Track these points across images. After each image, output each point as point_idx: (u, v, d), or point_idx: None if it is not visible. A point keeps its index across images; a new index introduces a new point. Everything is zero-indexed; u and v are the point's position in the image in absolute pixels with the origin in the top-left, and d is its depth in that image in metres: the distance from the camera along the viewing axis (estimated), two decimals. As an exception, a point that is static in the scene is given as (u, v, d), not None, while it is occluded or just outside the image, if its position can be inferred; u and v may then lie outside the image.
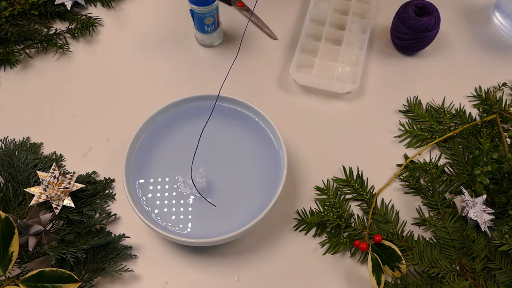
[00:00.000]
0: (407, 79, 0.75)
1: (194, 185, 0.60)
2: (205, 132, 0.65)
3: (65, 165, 0.66)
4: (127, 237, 0.60)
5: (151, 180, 0.62)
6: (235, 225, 0.57)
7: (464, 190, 0.61)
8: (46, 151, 0.68)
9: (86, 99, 0.73)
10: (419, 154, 0.67)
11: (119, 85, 0.74)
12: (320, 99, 0.73)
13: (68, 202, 0.60)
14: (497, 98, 0.71)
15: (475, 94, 0.73)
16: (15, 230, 0.52)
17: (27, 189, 0.60)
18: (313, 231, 0.62)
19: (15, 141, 0.68)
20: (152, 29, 0.81)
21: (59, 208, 0.60)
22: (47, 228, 0.57)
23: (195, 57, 0.77)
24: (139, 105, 0.72)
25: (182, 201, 0.61)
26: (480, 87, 0.73)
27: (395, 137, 0.69)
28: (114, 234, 0.60)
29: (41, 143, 0.68)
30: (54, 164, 0.62)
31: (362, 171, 0.66)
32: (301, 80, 0.74)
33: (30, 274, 0.52)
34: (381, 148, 0.68)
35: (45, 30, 0.79)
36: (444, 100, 0.72)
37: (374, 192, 0.64)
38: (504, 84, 0.73)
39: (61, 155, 0.67)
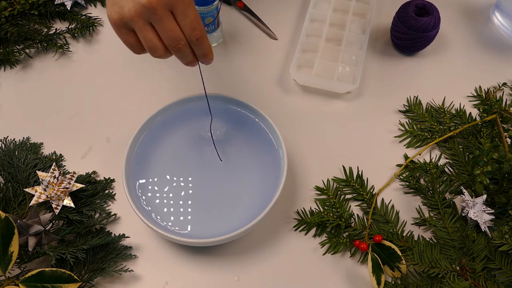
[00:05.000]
0: (407, 79, 0.75)
1: (212, 138, 0.62)
2: (205, 133, 0.65)
3: (65, 165, 0.66)
4: (127, 237, 0.60)
5: (151, 180, 0.62)
6: (235, 225, 0.57)
7: (464, 190, 0.61)
8: (46, 151, 0.68)
9: (86, 99, 0.73)
10: (419, 154, 0.67)
11: (119, 85, 0.74)
12: (320, 99, 0.73)
13: (68, 202, 0.60)
14: (497, 98, 0.71)
15: (475, 94, 0.73)
16: (15, 230, 0.52)
17: (27, 189, 0.60)
18: (313, 231, 0.62)
19: (15, 141, 0.68)
20: (152, 29, 0.80)
21: (59, 208, 0.60)
22: (47, 228, 0.57)
23: (195, 57, 0.77)
24: (139, 105, 0.72)
25: (182, 201, 0.61)
26: (480, 87, 0.73)
27: (395, 137, 0.69)
28: (114, 234, 0.60)
29: (41, 143, 0.68)
30: (54, 164, 0.62)
31: (362, 171, 0.66)
32: (301, 80, 0.74)
33: (30, 274, 0.52)
34: (381, 148, 0.68)
35: (45, 30, 0.79)
36: (444, 100, 0.72)
37: (374, 192, 0.64)
38: (504, 84, 0.73)
39: (61, 155, 0.67)
